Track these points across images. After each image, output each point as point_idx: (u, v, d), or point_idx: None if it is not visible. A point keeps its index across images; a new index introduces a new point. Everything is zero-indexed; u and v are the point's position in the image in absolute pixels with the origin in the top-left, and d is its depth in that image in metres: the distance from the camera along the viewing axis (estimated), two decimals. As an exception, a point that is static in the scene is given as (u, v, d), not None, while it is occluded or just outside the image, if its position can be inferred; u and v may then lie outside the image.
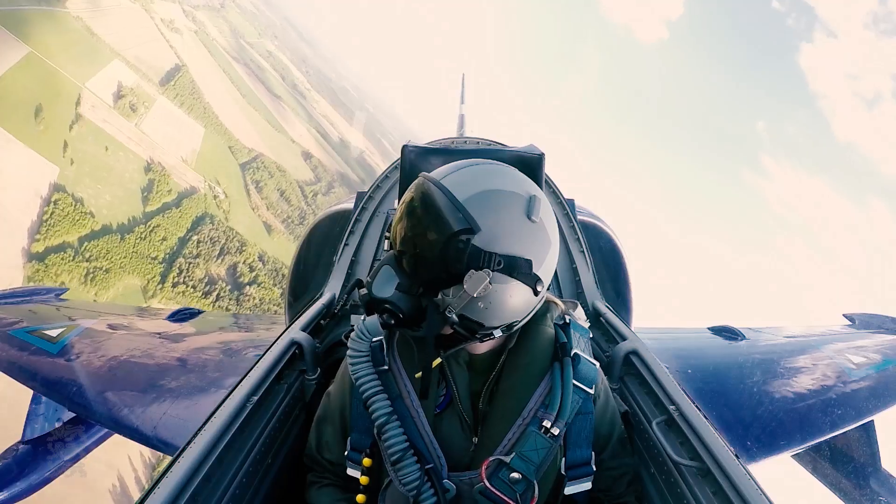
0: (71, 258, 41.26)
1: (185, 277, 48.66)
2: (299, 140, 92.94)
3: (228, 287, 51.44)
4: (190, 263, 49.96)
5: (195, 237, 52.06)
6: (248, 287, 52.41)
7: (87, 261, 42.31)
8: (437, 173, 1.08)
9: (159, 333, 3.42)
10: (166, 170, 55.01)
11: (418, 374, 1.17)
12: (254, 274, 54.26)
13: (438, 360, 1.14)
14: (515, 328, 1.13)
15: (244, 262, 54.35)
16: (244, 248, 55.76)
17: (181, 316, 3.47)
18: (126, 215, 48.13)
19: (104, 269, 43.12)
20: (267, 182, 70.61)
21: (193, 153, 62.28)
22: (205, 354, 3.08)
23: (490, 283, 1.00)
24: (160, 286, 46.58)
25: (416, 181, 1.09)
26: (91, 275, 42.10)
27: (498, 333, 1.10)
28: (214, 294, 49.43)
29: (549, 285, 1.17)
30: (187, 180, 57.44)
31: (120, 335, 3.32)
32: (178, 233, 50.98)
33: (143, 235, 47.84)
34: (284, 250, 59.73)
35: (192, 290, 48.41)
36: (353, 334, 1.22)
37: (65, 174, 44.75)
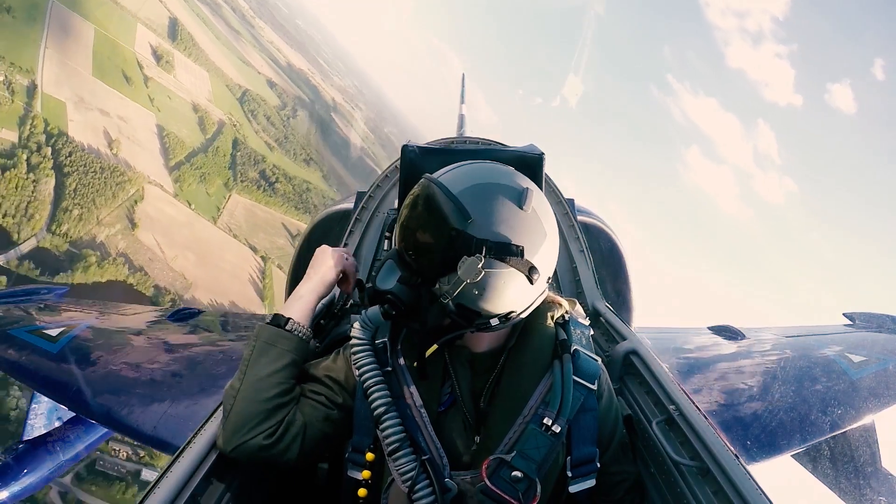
0: (189, 168, 69.63)
1: (246, 177, 80.00)
2: (262, 70, 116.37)
3: (266, 183, 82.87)
4: (243, 168, 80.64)
5: (238, 153, 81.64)
6: (276, 184, 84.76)
7: (196, 169, 70.91)
8: (436, 173, 1.13)
9: (159, 333, 3.42)
10: (205, 108, 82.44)
11: (416, 363, 1.19)
12: (276, 176, 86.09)
13: (434, 347, 1.15)
14: (514, 320, 1.13)
15: (268, 169, 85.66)
16: (264, 160, 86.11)
17: (181, 315, 3.47)
18: (198, 141, 76.08)
19: (207, 173, 72.30)
20: (257, 111, 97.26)
21: (210, 94, 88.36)
22: (205, 354, 3.08)
23: (482, 269, 1.02)
24: (234, 182, 76.75)
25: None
26: (202, 178, 70.94)
27: (495, 322, 1.10)
28: (262, 187, 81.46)
29: (550, 282, 1.17)
30: (217, 115, 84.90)
31: (120, 334, 3.32)
32: (228, 150, 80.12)
33: (213, 153, 76.69)
34: (282, 162, 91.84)
35: (251, 184, 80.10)
36: (355, 324, 1.24)
37: (159, 117, 71.61)
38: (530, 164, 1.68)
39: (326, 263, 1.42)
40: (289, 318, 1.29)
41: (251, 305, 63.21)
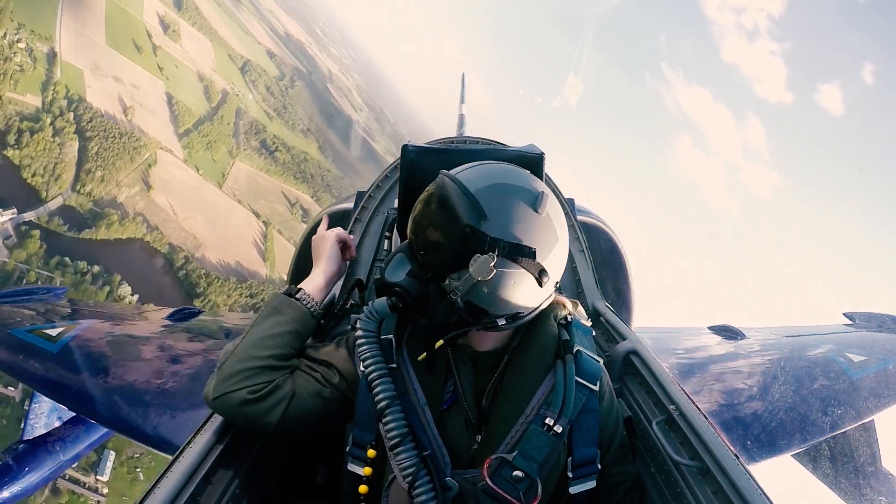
0: (197, 136, 75.04)
1: (249, 146, 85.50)
2: (262, 41, 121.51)
3: (267, 151, 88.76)
4: (246, 137, 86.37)
5: (240, 122, 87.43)
6: (276, 153, 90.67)
7: (203, 137, 76.50)
8: (453, 170, 1.15)
9: (159, 333, 3.42)
10: (209, 78, 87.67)
11: (421, 357, 1.19)
12: (275, 145, 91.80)
13: (440, 343, 1.15)
14: (520, 321, 1.13)
15: (269, 138, 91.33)
16: (265, 129, 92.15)
17: (181, 315, 3.47)
18: (204, 109, 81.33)
19: (213, 141, 77.67)
20: (258, 81, 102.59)
21: (214, 63, 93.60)
22: (205, 354, 3.08)
23: (494, 268, 1.03)
24: (237, 150, 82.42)
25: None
26: (208, 145, 76.40)
27: (502, 323, 1.10)
28: (264, 155, 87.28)
29: (558, 285, 1.17)
30: (221, 85, 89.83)
31: (120, 334, 3.33)
32: (231, 119, 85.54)
33: (218, 121, 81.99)
34: (281, 132, 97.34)
35: (253, 152, 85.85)
36: (362, 314, 1.24)
37: (168, 85, 76.40)
38: (531, 163, 1.68)
39: (325, 243, 1.48)
40: (300, 289, 1.34)
41: (254, 266, 69.79)
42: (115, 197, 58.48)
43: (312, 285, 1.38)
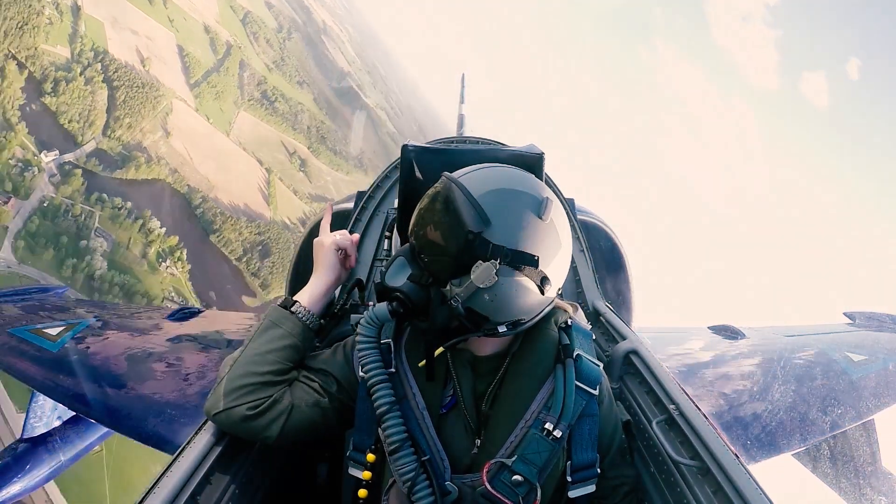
0: (206, 87, 79.63)
1: (252, 97, 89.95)
2: None
3: (268, 102, 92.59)
4: (251, 89, 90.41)
5: (245, 74, 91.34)
6: (275, 104, 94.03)
7: (212, 87, 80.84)
8: (456, 173, 1.13)
9: (159, 332, 3.42)
10: (214, 30, 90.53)
11: (422, 363, 1.18)
12: (275, 96, 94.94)
13: (441, 350, 1.14)
14: (521, 328, 1.12)
15: (269, 89, 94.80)
16: (266, 81, 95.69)
17: (181, 315, 3.48)
18: (211, 61, 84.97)
19: (221, 91, 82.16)
20: (259, 33, 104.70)
21: (218, 15, 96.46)
22: (205, 353, 3.08)
23: (496, 276, 1.02)
24: (242, 100, 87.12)
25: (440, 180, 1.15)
26: (217, 95, 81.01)
27: (502, 330, 1.09)
28: (265, 105, 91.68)
29: (560, 291, 1.16)
30: (224, 37, 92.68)
31: (120, 334, 3.33)
32: (235, 71, 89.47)
33: (224, 72, 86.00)
34: (281, 83, 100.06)
35: (255, 103, 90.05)
36: (362, 320, 1.22)
37: (178, 37, 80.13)
38: (530, 163, 1.67)
39: (323, 251, 1.47)
40: (295, 301, 1.34)
41: (260, 209, 76.14)
42: (141, 142, 63.92)
43: (309, 296, 1.38)
